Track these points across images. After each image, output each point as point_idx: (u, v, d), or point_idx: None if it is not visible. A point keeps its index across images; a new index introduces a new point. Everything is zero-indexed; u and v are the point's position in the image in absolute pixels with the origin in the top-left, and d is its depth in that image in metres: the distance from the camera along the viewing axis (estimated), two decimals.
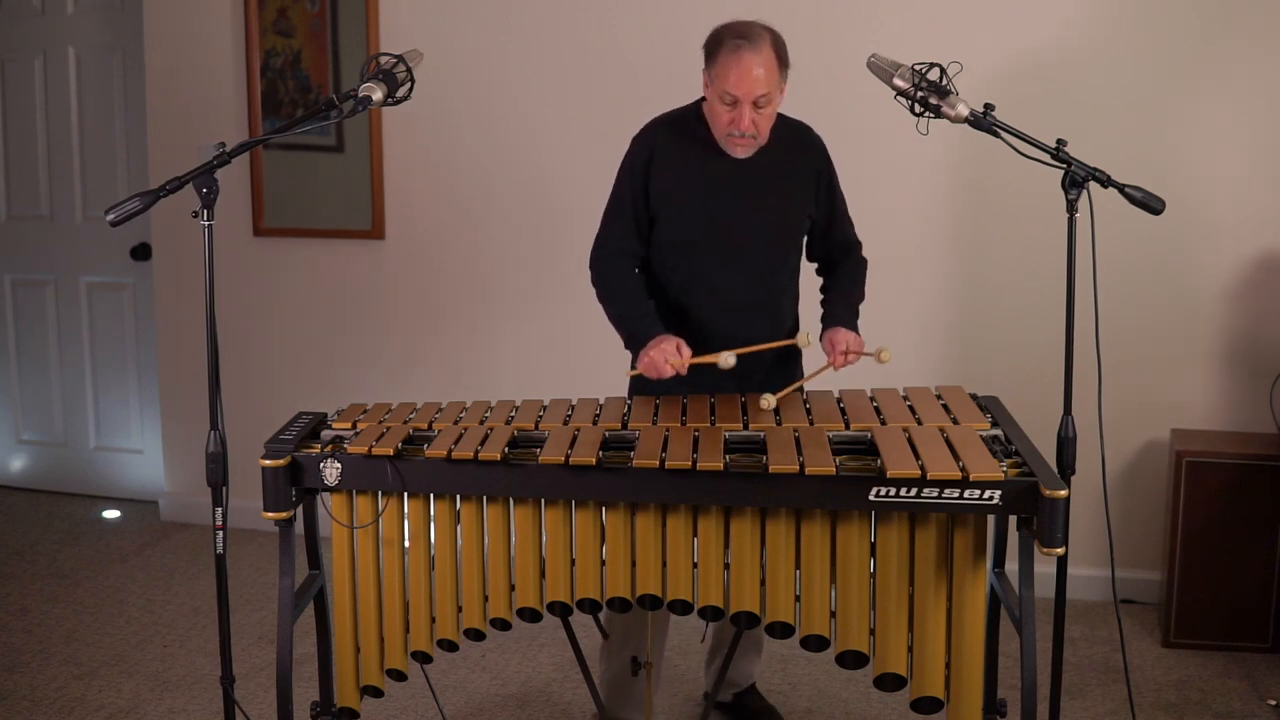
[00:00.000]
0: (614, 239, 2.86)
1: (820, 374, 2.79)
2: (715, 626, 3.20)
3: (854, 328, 2.82)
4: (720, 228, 2.79)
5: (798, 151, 2.85)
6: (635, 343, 2.77)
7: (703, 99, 2.81)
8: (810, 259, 2.99)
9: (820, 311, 2.90)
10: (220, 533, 2.48)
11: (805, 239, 2.95)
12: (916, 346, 4.01)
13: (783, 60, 2.69)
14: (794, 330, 2.94)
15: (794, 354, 2.93)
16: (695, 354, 2.69)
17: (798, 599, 2.41)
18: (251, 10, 4.39)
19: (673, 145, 2.82)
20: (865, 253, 2.98)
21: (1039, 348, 3.74)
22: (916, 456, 2.30)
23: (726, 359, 2.65)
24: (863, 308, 2.92)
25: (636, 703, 3.02)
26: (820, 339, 2.81)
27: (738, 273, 2.81)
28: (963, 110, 2.48)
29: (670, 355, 2.65)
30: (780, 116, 2.82)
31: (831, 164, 2.91)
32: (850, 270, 2.94)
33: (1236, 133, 3.76)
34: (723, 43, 2.66)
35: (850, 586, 2.38)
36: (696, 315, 2.83)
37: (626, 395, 2.88)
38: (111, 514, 4.91)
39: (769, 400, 2.62)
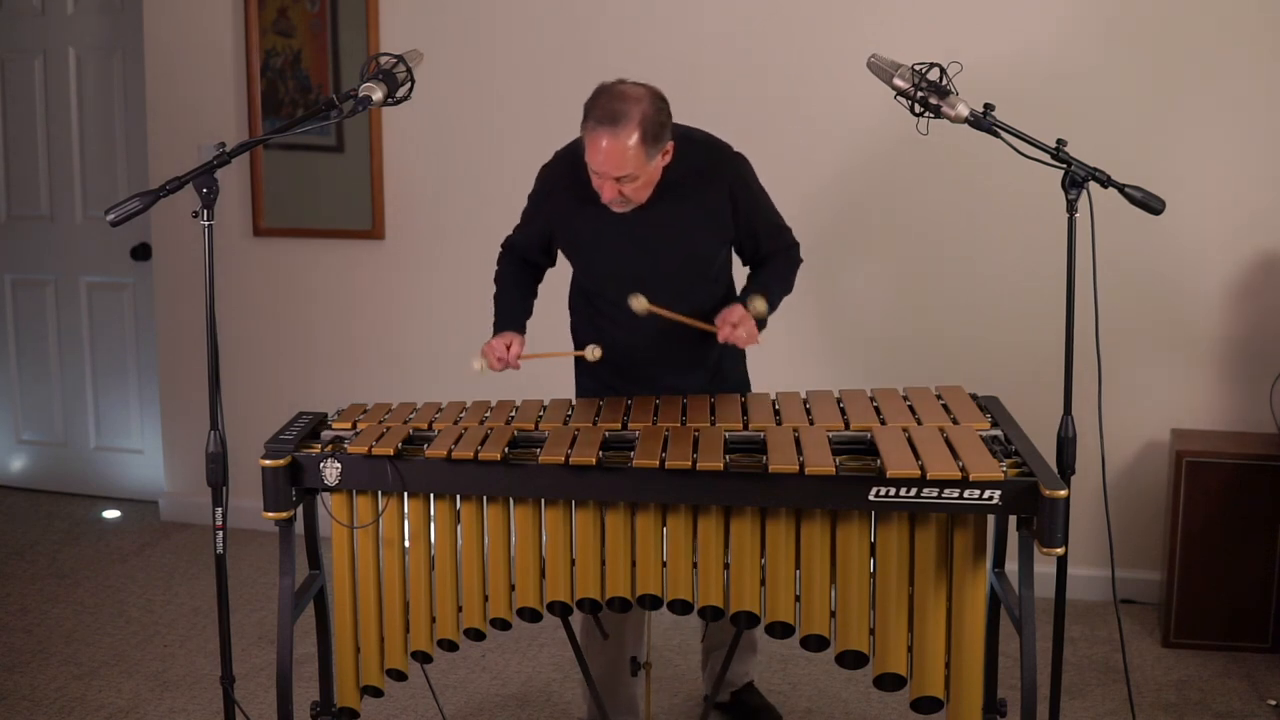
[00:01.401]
0: (517, 239, 2.97)
1: (700, 327, 2.71)
2: (705, 627, 3.20)
3: (753, 309, 2.70)
4: (626, 272, 2.76)
5: (706, 183, 2.73)
6: (494, 330, 2.87)
7: None
8: (744, 265, 2.92)
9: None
10: (220, 533, 2.48)
11: (730, 253, 2.89)
12: (916, 346, 4.01)
13: (651, 139, 2.54)
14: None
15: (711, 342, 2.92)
16: (625, 370, 2.77)
17: (798, 599, 2.41)
18: (251, 10, 4.39)
19: (570, 191, 2.77)
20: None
21: (1039, 348, 3.74)
22: (916, 456, 2.30)
23: (592, 351, 2.74)
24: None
25: (627, 698, 3.01)
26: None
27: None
28: (963, 110, 2.48)
29: (498, 351, 2.75)
30: (689, 141, 2.72)
31: (748, 183, 2.80)
32: (773, 265, 2.85)
33: (1236, 132, 3.76)
34: (589, 118, 2.56)
35: (850, 586, 2.38)
36: (621, 339, 2.82)
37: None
38: (111, 514, 4.91)
39: (641, 302, 2.66)
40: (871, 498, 2.28)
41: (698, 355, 2.86)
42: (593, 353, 2.72)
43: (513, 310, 2.89)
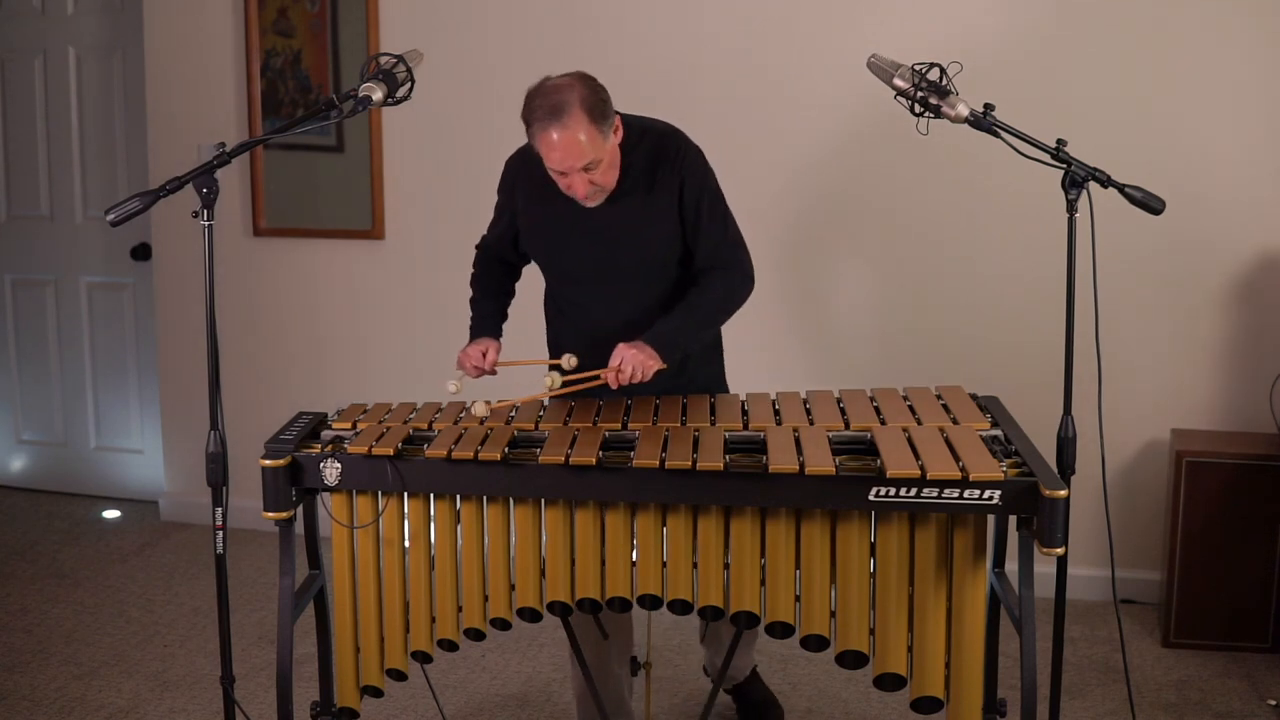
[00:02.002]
0: (490, 243, 2.98)
1: (590, 379, 2.61)
2: (711, 626, 3.19)
3: (656, 341, 2.61)
4: (582, 266, 2.77)
5: (656, 171, 2.69)
6: (470, 336, 2.88)
7: None
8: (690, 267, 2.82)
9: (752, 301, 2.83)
10: (220, 533, 2.48)
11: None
12: (916, 346, 4.01)
13: (599, 116, 2.52)
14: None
15: (716, 353, 2.96)
16: (590, 366, 2.63)
17: (798, 599, 2.41)
18: (251, 10, 4.39)
19: (530, 186, 2.77)
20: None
21: (1039, 348, 3.74)
22: (916, 456, 2.30)
23: (568, 360, 2.69)
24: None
25: (617, 706, 3.00)
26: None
27: (611, 301, 2.78)
28: (963, 110, 2.48)
29: (473, 358, 2.75)
30: (635, 129, 2.69)
31: (699, 172, 2.72)
32: (701, 288, 2.72)
33: (1236, 132, 3.76)
34: (533, 122, 2.54)
35: (850, 586, 2.38)
36: (590, 341, 2.78)
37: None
38: (111, 514, 4.91)
39: (570, 361, 2.67)
40: (871, 498, 2.28)
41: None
42: (569, 362, 2.69)
43: (487, 316, 2.91)
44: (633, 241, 2.73)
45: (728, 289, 2.76)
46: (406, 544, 2.57)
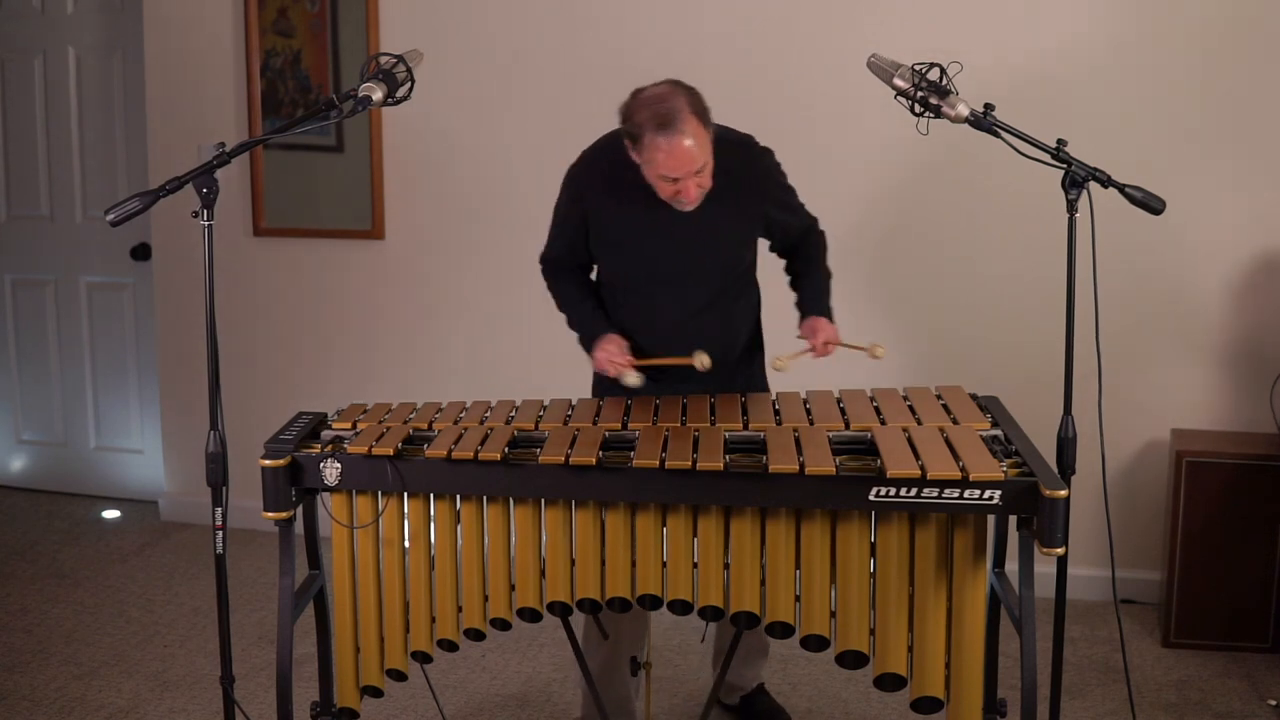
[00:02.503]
0: (555, 252, 2.95)
1: (801, 355, 2.74)
2: (717, 627, 3.19)
3: (828, 314, 2.81)
4: (660, 270, 2.78)
5: (740, 179, 2.74)
6: (587, 344, 2.84)
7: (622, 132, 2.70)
8: (774, 253, 2.98)
9: (793, 296, 2.92)
10: (220, 533, 2.48)
11: (756, 252, 2.91)
12: (916, 346, 4.01)
13: (705, 119, 2.59)
14: (754, 333, 2.95)
15: (758, 352, 2.98)
16: (657, 354, 2.72)
17: (798, 599, 2.41)
18: (251, 10, 4.39)
19: (603, 188, 2.77)
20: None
21: (1039, 348, 3.74)
22: (916, 456, 2.30)
23: (702, 359, 2.68)
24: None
25: (619, 699, 3.00)
26: (800, 324, 2.82)
27: (679, 303, 2.79)
28: (963, 110, 2.48)
29: (614, 356, 2.73)
30: (722, 141, 2.72)
31: (776, 177, 2.84)
32: (808, 252, 2.92)
33: (1236, 132, 3.76)
34: (645, 130, 2.54)
35: (850, 586, 2.38)
36: (648, 341, 2.80)
37: (593, 395, 2.93)
38: (111, 514, 4.91)
39: (703, 360, 2.66)
40: (871, 498, 2.28)
41: (727, 347, 2.85)
42: (700, 360, 2.66)
43: (595, 312, 2.87)
44: (714, 244, 2.76)
45: (825, 251, 2.95)
46: (406, 544, 2.57)
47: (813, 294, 2.86)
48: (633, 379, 2.68)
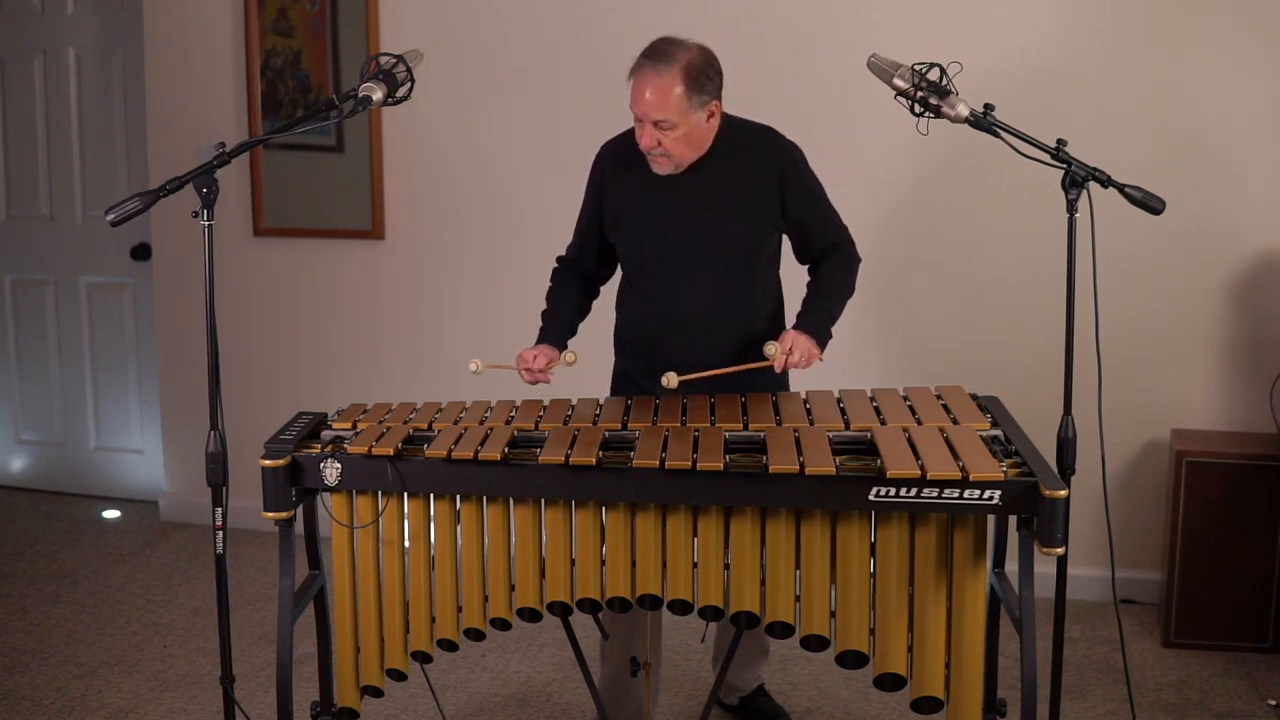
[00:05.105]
0: (571, 250, 2.98)
1: (747, 368, 2.68)
2: (717, 628, 3.19)
3: (813, 330, 2.71)
4: (666, 245, 2.78)
5: (752, 161, 2.76)
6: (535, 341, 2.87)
7: None
8: (799, 262, 2.93)
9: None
10: (220, 533, 2.48)
11: (778, 248, 2.89)
12: (916, 346, 4.01)
13: (694, 84, 2.59)
14: (776, 330, 2.90)
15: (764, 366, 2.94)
16: (681, 372, 2.63)
17: (798, 599, 2.41)
18: (251, 10, 4.39)
19: (621, 166, 2.82)
20: (865, 252, 2.95)
21: (1039, 348, 3.74)
22: (916, 456, 2.30)
23: (670, 379, 2.61)
24: (862, 309, 2.90)
25: (635, 705, 3.01)
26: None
27: (694, 288, 2.78)
28: (963, 110, 2.48)
29: (531, 363, 2.75)
30: (737, 124, 2.77)
31: (799, 168, 2.81)
32: (829, 269, 2.84)
33: (1236, 132, 3.76)
34: (637, 61, 2.62)
35: (850, 586, 2.38)
36: (664, 329, 2.81)
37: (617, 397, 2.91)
38: (111, 514, 4.91)
39: (670, 379, 2.60)
40: (871, 498, 2.28)
41: (744, 351, 2.82)
42: (669, 381, 2.61)
43: (555, 326, 2.89)
44: (718, 219, 2.75)
45: (849, 264, 2.86)
46: (406, 544, 2.57)
47: (811, 308, 2.78)
48: (473, 366, 2.72)
